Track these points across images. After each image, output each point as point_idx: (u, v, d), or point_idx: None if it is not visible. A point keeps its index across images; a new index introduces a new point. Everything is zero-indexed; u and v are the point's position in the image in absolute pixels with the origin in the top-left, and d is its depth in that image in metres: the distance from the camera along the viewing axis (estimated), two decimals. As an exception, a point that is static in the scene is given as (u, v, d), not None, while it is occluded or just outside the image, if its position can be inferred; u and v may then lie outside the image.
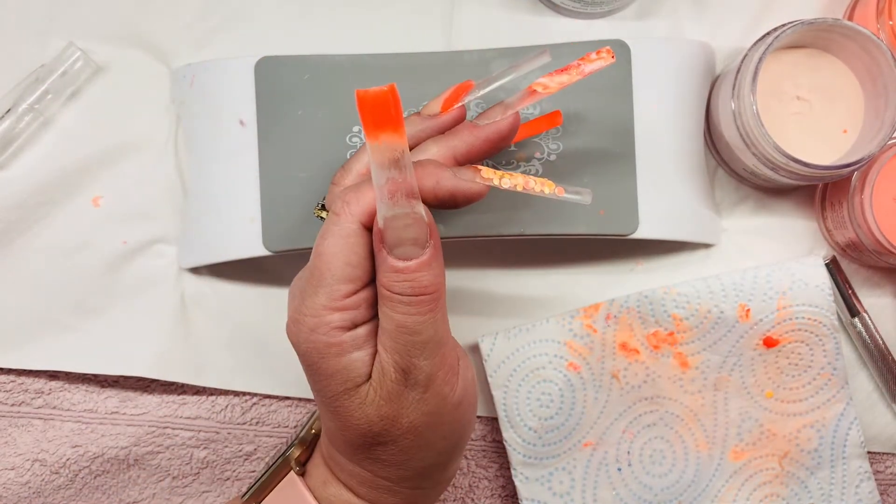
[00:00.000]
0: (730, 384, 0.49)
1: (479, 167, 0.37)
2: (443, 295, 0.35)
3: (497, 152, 0.39)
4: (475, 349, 0.50)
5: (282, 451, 0.45)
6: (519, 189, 0.37)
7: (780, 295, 0.48)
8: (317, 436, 0.45)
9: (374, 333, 0.36)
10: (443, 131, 0.38)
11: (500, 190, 0.37)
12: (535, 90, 0.38)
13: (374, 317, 0.36)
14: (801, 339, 0.49)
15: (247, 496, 0.45)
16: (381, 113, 0.31)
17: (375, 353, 0.36)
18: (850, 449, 0.49)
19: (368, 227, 0.35)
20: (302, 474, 0.43)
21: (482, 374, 0.50)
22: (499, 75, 0.39)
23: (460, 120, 0.38)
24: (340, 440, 0.38)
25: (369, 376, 0.36)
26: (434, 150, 0.37)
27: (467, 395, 0.38)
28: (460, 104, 0.38)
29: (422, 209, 0.34)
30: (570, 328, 0.49)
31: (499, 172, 0.37)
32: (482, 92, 0.39)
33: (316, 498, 0.41)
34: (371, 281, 0.36)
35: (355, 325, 0.35)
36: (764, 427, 0.49)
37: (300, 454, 0.44)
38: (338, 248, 0.35)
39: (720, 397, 0.49)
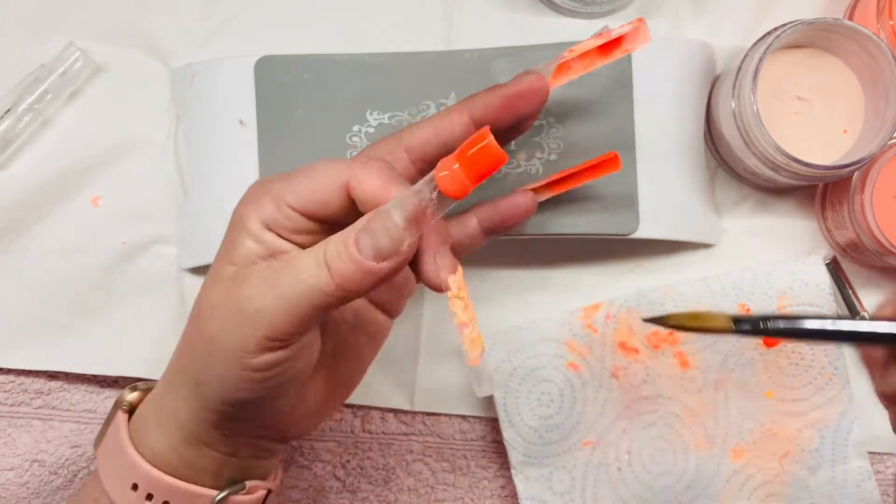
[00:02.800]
0: (730, 383, 0.49)
1: (453, 273, 0.35)
2: None
3: (519, 119, 0.38)
4: (475, 349, 0.50)
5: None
6: (454, 319, 0.35)
7: (780, 294, 0.48)
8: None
9: None
10: (519, 96, 0.37)
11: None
12: (563, 56, 0.37)
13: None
14: (802, 339, 0.49)
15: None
16: (482, 168, 0.31)
17: None
18: (850, 449, 0.49)
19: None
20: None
21: (482, 374, 0.50)
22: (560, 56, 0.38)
23: (542, 88, 0.37)
24: None
25: None
26: (454, 110, 0.37)
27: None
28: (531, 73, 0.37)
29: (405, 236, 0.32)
30: (570, 328, 0.49)
31: (462, 292, 0.35)
32: (552, 60, 0.38)
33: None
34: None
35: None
36: (764, 427, 0.49)
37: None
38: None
39: (720, 397, 0.49)
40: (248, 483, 0.39)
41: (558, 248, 0.51)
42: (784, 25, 0.44)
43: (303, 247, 0.34)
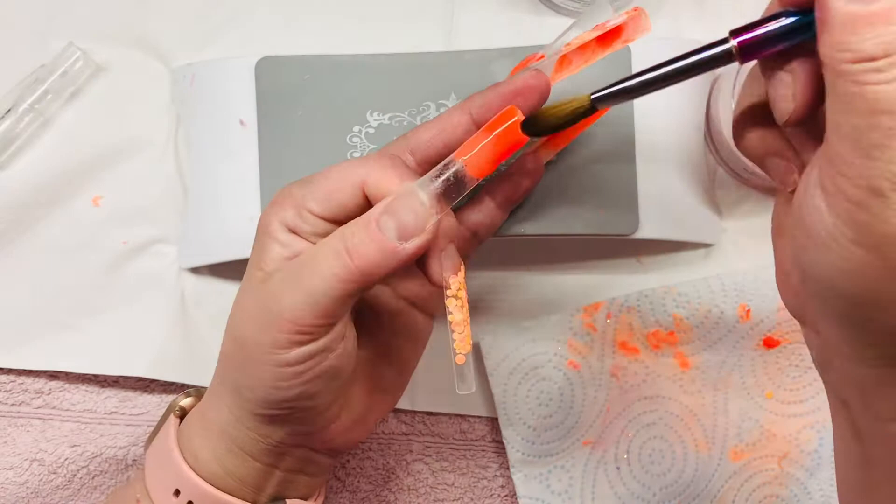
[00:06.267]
0: (730, 384, 0.49)
1: (456, 273, 0.36)
2: None
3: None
4: (475, 348, 0.50)
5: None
6: (449, 317, 0.37)
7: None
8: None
9: None
10: (516, 94, 0.36)
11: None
12: (562, 50, 0.37)
13: None
14: (802, 340, 0.49)
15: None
16: (506, 146, 0.33)
17: None
18: (850, 449, 0.49)
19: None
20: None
21: (482, 372, 0.50)
22: (562, 35, 0.38)
23: (540, 84, 0.37)
24: None
25: None
26: (455, 111, 0.37)
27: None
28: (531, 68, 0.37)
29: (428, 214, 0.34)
30: (571, 326, 0.49)
31: (461, 293, 0.36)
32: (552, 55, 0.37)
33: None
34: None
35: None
36: (764, 428, 0.49)
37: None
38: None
39: (720, 397, 0.49)
40: (289, 501, 0.39)
41: (558, 248, 0.51)
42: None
43: None
